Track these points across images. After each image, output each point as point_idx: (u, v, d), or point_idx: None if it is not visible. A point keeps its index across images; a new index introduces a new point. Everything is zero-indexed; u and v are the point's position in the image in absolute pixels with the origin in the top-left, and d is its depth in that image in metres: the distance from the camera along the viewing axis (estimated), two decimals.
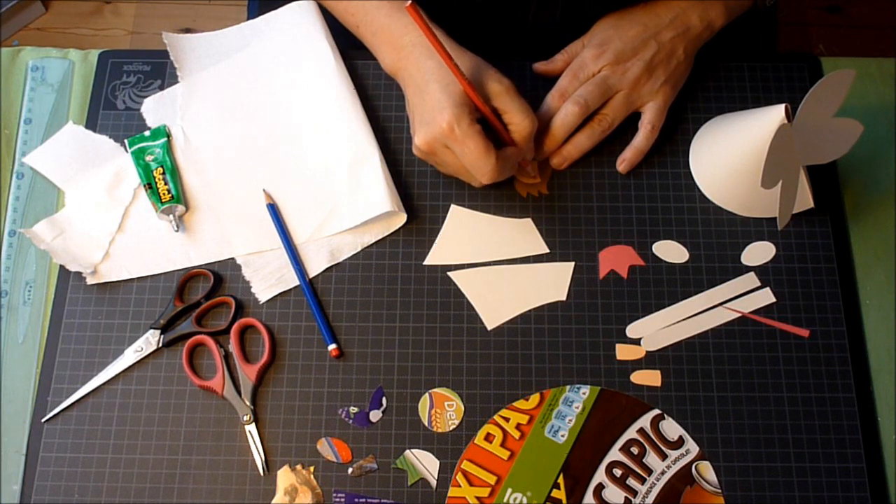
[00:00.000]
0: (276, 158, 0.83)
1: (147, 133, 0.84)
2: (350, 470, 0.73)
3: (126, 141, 0.83)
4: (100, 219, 0.80)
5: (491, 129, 0.76)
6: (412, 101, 0.77)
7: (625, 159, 0.81)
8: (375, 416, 0.74)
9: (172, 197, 0.80)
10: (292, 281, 0.78)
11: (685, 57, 0.82)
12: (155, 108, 0.85)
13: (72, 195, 0.82)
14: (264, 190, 0.81)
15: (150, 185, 0.81)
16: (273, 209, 0.80)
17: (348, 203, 0.80)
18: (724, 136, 0.80)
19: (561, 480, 0.72)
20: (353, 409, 0.74)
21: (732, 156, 0.78)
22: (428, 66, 0.75)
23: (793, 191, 0.76)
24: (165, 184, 0.81)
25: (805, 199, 0.79)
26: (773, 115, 0.74)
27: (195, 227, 0.81)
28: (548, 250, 0.80)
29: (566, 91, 0.80)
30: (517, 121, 0.75)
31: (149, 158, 0.82)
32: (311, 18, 0.87)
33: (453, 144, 0.73)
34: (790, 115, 0.74)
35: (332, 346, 0.75)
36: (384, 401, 0.75)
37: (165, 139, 0.83)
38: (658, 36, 0.80)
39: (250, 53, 0.87)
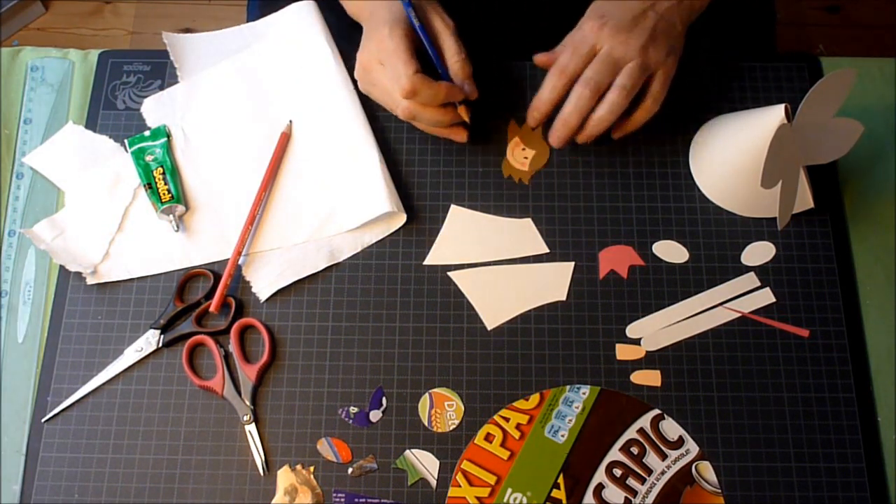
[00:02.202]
0: None
1: (147, 133, 0.84)
2: (350, 470, 0.73)
3: (126, 141, 0.83)
4: (100, 219, 0.80)
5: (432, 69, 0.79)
6: (365, 33, 0.81)
7: (619, 127, 0.80)
8: (375, 416, 0.74)
9: (172, 197, 0.80)
10: (292, 279, 0.78)
11: (682, 28, 0.80)
12: (155, 108, 0.85)
13: (72, 195, 0.82)
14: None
15: (150, 185, 0.81)
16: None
17: (348, 204, 0.80)
18: (724, 136, 0.80)
19: (561, 480, 0.72)
20: (353, 409, 0.74)
21: (732, 156, 0.78)
22: (385, 4, 0.80)
23: (793, 191, 0.76)
24: (165, 184, 0.81)
25: (805, 199, 0.79)
26: (773, 115, 0.74)
27: (195, 227, 0.81)
28: (548, 250, 0.80)
29: (566, 67, 0.77)
30: (452, 60, 0.79)
31: (149, 158, 0.82)
32: (311, 19, 0.87)
33: (383, 55, 0.77)
34: (790, 115, 0.74)
35: None
36: (384, 401, 0.75)
37: (165, 139, 0.83)
38: (655, 6, 0.78)
39: (250, 53, 0.87)
